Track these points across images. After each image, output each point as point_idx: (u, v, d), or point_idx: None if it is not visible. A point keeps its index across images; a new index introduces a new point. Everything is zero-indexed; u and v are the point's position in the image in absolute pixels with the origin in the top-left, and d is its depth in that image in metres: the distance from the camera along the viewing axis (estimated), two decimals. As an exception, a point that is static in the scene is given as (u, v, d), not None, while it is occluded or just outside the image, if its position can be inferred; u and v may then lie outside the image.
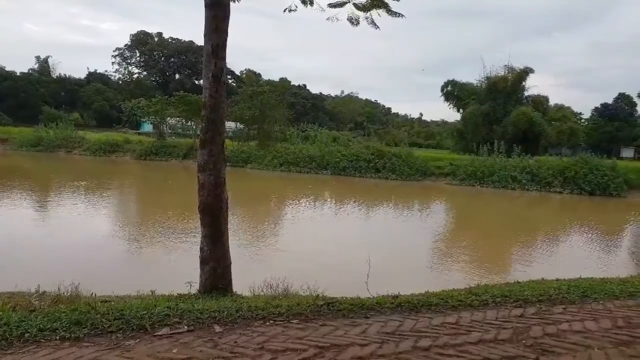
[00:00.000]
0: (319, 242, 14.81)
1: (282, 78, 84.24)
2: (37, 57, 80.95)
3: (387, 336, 3.61)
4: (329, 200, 26.61)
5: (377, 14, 7.45)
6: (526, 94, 48.00)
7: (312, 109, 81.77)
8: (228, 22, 5.34)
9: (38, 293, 6.99)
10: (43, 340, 3.14)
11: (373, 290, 5.42)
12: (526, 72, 46.10)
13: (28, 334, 3.20)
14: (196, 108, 40.96)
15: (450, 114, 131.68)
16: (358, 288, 5.63)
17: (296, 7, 7.50)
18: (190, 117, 43.61)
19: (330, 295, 5.17)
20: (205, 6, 5.28)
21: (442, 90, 51.82)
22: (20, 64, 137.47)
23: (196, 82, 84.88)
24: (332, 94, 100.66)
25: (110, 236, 14.54)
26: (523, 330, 3.81)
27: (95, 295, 4.90)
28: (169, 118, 46.22)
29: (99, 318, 3.53)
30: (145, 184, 29.35)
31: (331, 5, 7.53)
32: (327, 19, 7.69)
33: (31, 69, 78.50)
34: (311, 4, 7.45)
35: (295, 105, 72.53)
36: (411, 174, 33.97)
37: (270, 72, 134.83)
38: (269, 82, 60.72)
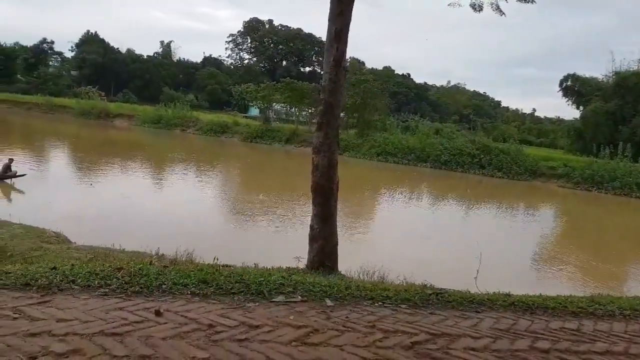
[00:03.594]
0: (413, 235, 14.61)
1: (386, 67, 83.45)
2: (162, 42, 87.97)
3: (500, 332, 3.49)
4: (426, 193, 26.04)
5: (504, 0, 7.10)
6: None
7: (414, 98, 79.98)
8: (352, 7, 5.40)
9: (157, 255, 7.74)
10: (177, 293, 3.48)
11: (469, 285, 5.27)
12: (667, 67, 40.95)
13: (165, 285, 3.56)
14: (300, 95, 42.10)
15: (568, 111, 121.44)
16: (452, 283, 5.51)
17: (417, -8, 7.38)
18: (294, 103, 44.89)
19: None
20: (332, -10, 5.37)
21: (560, 84, 48.08)
22: (147, 48, 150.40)
23: (302, 69, 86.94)
24: (437, 84, 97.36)
25: (215, 209, 15.59)
26: (659, 347, 3.48)
27: (218, 259, 5.28)
28: (274, 103, 47.96)
29: (222, 280, 3.82)
30: (249, 165, 30.84)
31: (454, -9, 7.30)
32: (449, 4, 7.48)
33: (156, 52, 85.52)
34: (432, -11, 7.28)
35: (397, 95, 71.50)
36: (519, 172, 32.04)
37: (372, 61, 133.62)
38: (372, 71, 60.47)
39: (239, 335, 2.85)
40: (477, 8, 7.27)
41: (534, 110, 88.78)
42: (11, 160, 16.05)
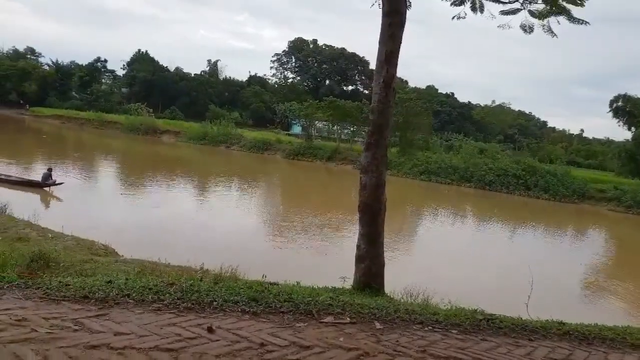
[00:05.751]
0: (457, 256, 14.31)
1: (429, 86, 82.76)
2: (209, 61, 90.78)
3: (556, 364, 3.36)
4: (470, 214, 25.46)
5: (555, 21, 6.96)
6: None
7: (458, 118, 78.75)
8: (403, 30, 5.43)
9: (202, 270, 7.88)
10: (228, 310, 3.53)
11: (517, 309, 5.10)
12: None
13: (215, 302, 3.61)
14: (342, 113, 42.35)
15: (619, 132, 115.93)
16: (498, 306, 5.34)
17: (465, 14, 7.33)
18: (337, 121, 45.17)
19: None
20: (383, 14, 5.42)
21: (610, 105, 46.07)
22: (194, 66, 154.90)
23: (344, 88, 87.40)
24: (482, 104, 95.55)
25: (256, 226, 15.76)
26: None
27: (265, 276, 5.33)
28: (317, 121, 48.42)
29: (271, 298, 3.85)
30: (291, 182, 31.10)
31: (504, 13, 7.20)
32: (498, 26, 7.39)
33: (203, 71, 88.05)
34: (481, 11, 7.22)
35: (440, 114, 70.57)
36: (567, 195, 30.94)
37: (416, 79, 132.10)
38: (415, 90, 60.13)
39: (291, 356, 2.86)
40: (527, 30, 7.15)
41: (582, 131, 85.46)
42: (50, 169, 16.96)
